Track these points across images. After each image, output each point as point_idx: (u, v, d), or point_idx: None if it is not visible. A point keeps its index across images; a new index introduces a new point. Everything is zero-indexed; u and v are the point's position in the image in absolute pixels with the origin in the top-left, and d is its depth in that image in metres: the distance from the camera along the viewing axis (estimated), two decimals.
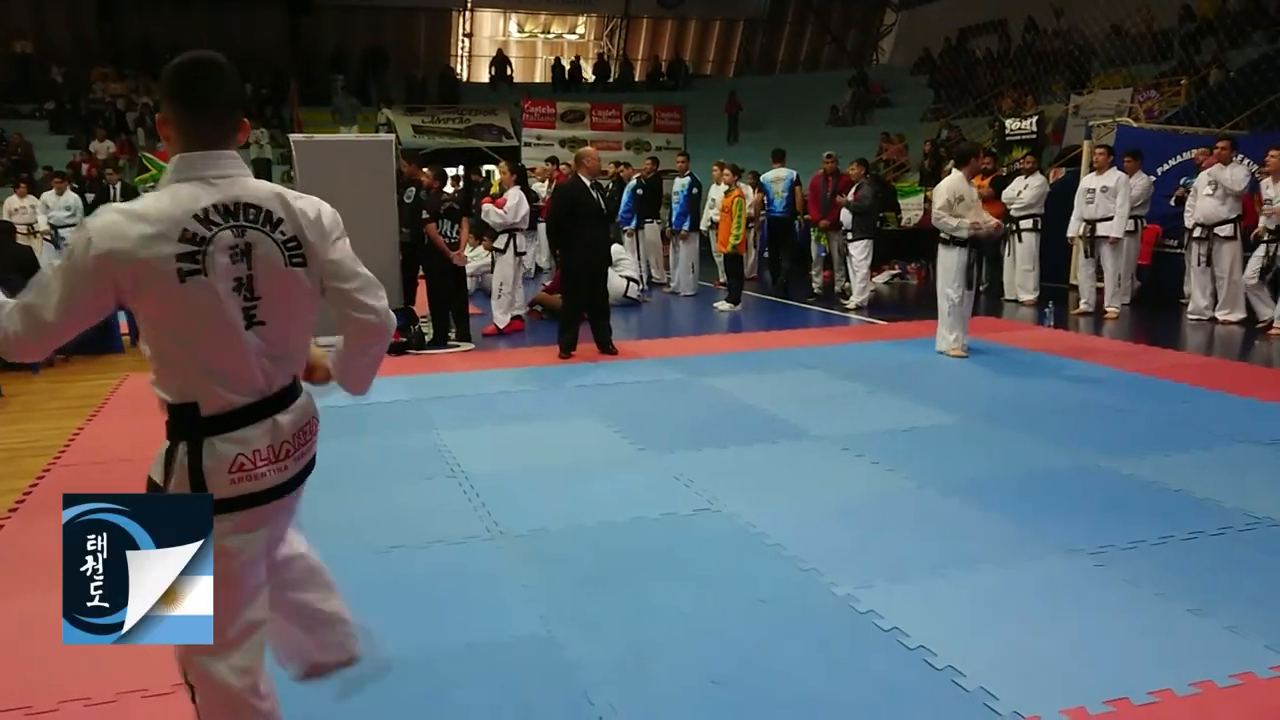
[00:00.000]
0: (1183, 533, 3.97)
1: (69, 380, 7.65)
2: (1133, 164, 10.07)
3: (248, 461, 1.98)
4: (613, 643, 3.13)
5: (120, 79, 23.30)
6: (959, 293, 7.75)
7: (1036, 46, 20.67)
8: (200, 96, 1.94)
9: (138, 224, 1.83)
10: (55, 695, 2.82)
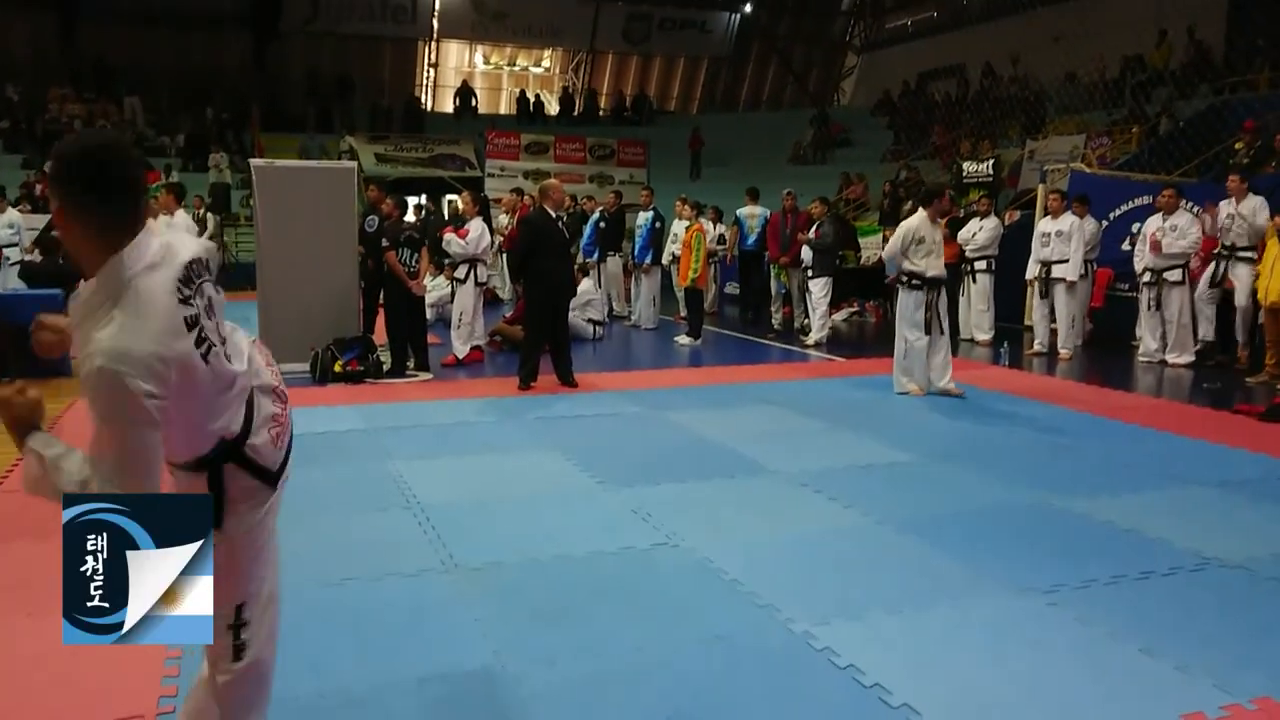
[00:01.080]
0: (1134, 572, 4.01)
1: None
2: (1081, 209, 10.29)
3: (275, 428, 2.11)
4: (567, 677, 3.09)
5: (79, 99, 23.04)
6: (915, 335, 7.73)
7: (994, 92, 21.12)
8: (116, 187, 1.82)
9: (150, 343, 1.78)
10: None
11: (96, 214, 1.80)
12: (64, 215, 1.81)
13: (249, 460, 2.07)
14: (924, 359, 7.77)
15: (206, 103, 23.76)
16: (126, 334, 1.75)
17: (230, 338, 2.07)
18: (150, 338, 1.77)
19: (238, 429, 2.05)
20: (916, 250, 7.64)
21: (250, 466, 2.07)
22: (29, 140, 21.21)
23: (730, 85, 31.10)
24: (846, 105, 29.17)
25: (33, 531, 4.41)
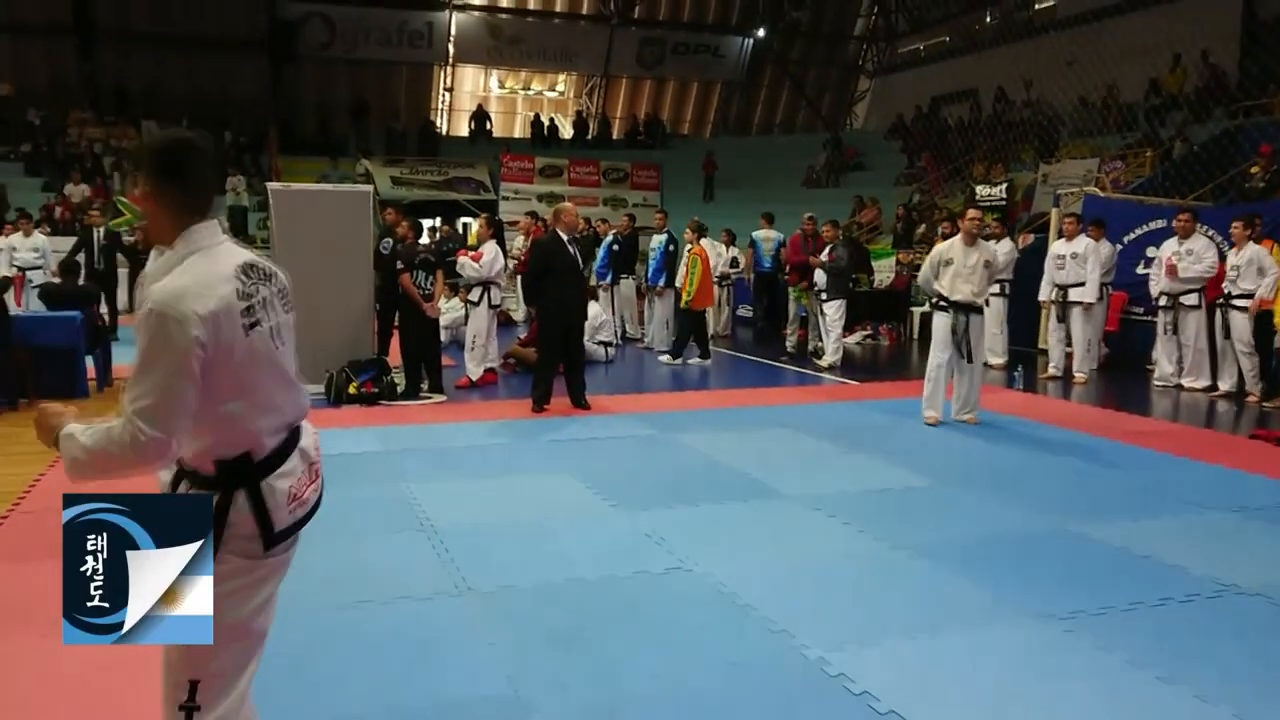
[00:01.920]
0: (1152, 599, 3.98)
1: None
2: (1097, 232, 10.27)
3: (297, 489, 2.14)
4: (581, 704, 3.08)
5: (98, 123, 23.30)
6: (936, 358, 7.56)
7: (1007, 116, 21.15)
8: (193, 174, 2.08)
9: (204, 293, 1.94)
10: None
11: (174, 195, 2.06)
12: (148, 196, 2.07)
13: (260, 499, 2.05)
14: (943, 386, 7.58)
15: (224, 126, 23.98)
16: (182, 284, 1.94)
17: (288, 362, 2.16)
18: (203, 290, 1.94)
19: (262, 449, 2.07)
20: (944, 273, 7.53)
21: (259, 508, 2.06)
22: (49, 163, 21.44)
23: (743, 109, 31.21)
24: (859, 129, 29.23)
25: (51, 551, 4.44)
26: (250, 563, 2.08)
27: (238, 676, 2.16)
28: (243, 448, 2.05)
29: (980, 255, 7.50)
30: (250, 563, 2.08)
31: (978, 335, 7.55)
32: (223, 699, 2.13)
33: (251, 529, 2.06)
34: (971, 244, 7.53)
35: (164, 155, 2.07)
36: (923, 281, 7.88)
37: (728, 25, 29.53)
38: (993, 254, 7.79)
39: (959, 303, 7.45)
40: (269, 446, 2.09)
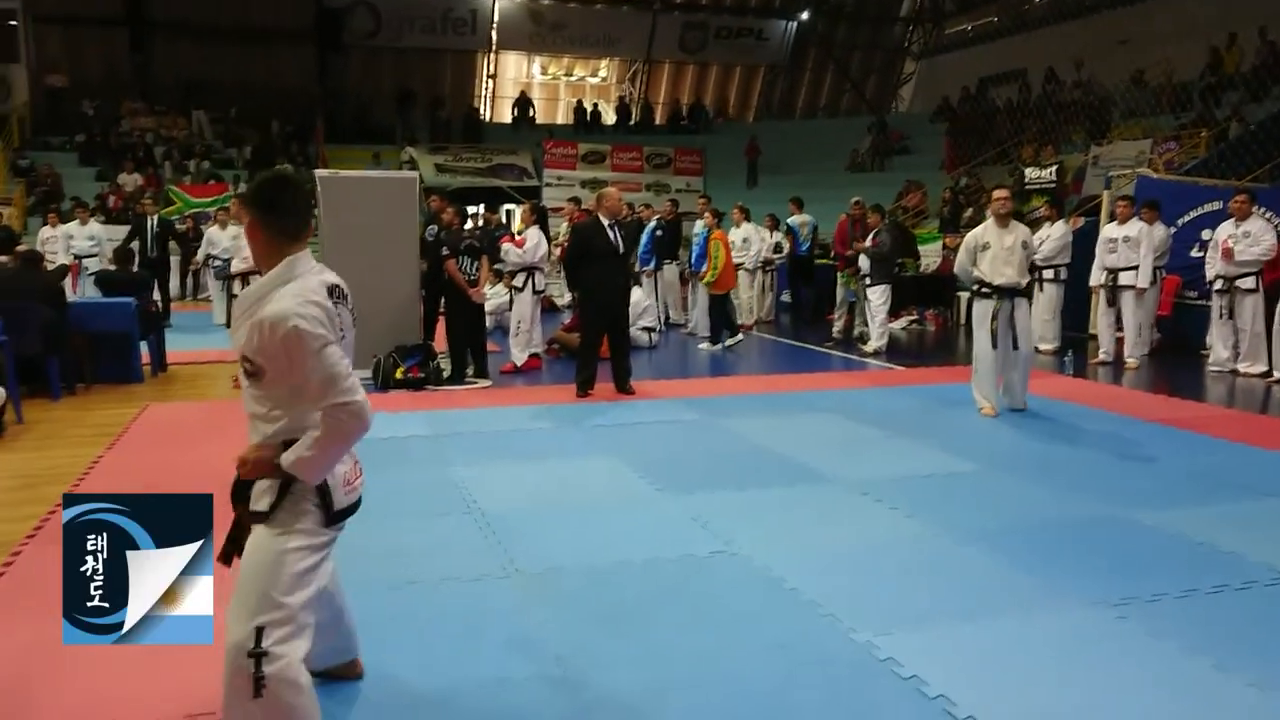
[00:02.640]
0: (1207, 586, 3.91)
1: (89, 409, 7.69)
2: (1151, 215, 10.06)
3: (351, 476, 2.56)
4: (630, 683, 3.10)
5: (150, 113, 23.68)
6: (979, 345, 7.41)
7: (1057, 97, 20.77)
8: (288, 207, 2.49)
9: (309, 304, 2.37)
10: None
11: (273, 227, 2.46)
12: (252, 227, 2.48)
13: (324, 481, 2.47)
14: (992, 375, 7.42)
15: (271, 116, 24.27)
16: (292, 301, 2.34)
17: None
18: (310, 301, 2.36)
19: None
20: (981, 257, 7.37)
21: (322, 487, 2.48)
22: (103, 153, 21.84)
23: (787, 93, 30.96)
24: (905, 112, 28.87)
25: None
26: (314, 528, 2.47)
27: (301, 629, 2.40)
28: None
29: (1016, 236, 7.31)
30: (314, 528, 2.47)
31: (1024, 319, 7.38)
32: (287, 645, 2.35)
33: (308, 502, 2.45)
34: (1005, 225, 7.33)
35: (264, 192, 2.47)
36: (960, 270, 7.68)
37: (771, 8, 29.31)
38: (1027, 234, 7.57)
39: (1002, 287, 7.27)
40: None
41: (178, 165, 22.01)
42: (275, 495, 2.45)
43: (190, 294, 16.70)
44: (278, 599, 2.37)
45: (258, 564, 2.40)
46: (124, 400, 8.01)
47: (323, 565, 2.50)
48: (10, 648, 3.36)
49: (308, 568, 2.44)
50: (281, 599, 2.37)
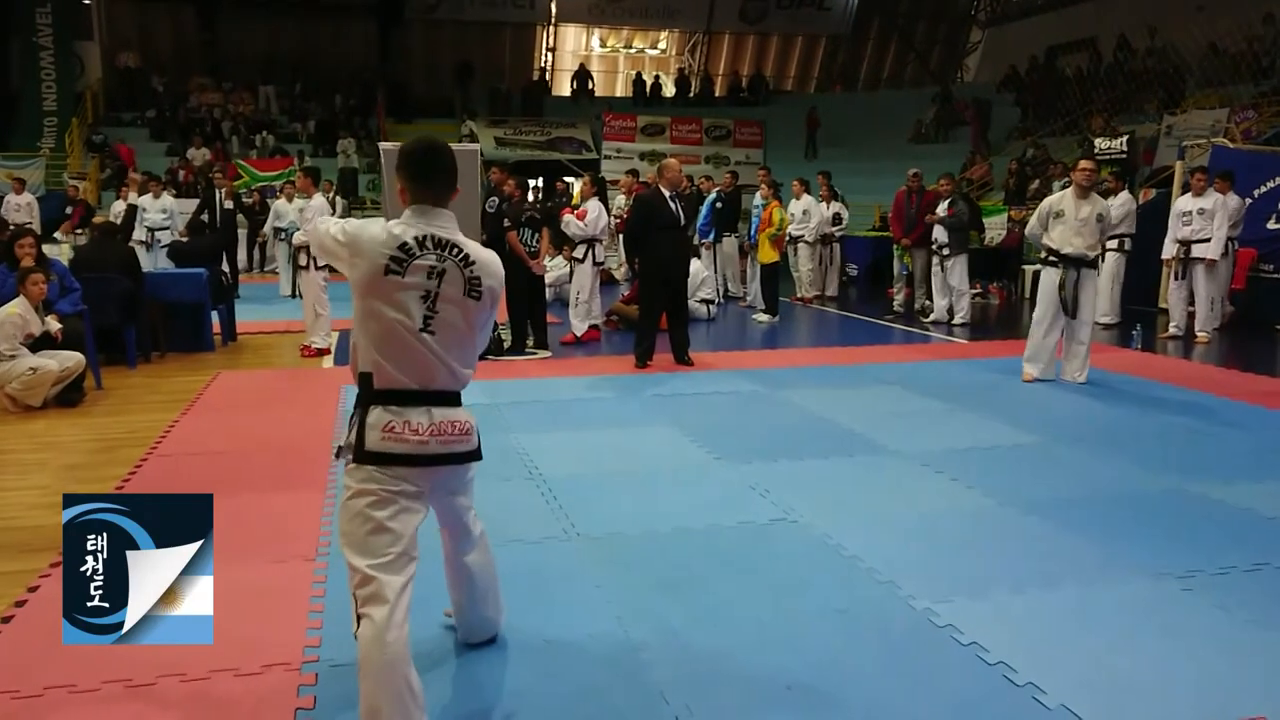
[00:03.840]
0: (1277, 560, 3.85)
1: (164, 376, 7.93)
2: (1224, 185, 9.78)
3: (397, 427, 2.54)
4: (688, 645, 3.15)
5: (217, 89, 24.14)
6: (1046, 314, 7.35)
7: (1128, 65, 20.20)
8: (425, 174, 2.63)
9: (377, 236, 2.55)
10: (100, 675, 2.89)
11: (405, 185, 2.63)
12: (402, 190, 2.64)
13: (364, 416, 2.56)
14: (1050, 343, 7.40)
15: (335, 90, 24.58)
16: (377, 229, 2.58)
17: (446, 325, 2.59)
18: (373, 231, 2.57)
19: (385, 375, 2.55)
20: (1053, 225, 7.29)
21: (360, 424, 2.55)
22: (173, 128, 22.34)
23: (849, 63, 30.52)
24: (970, 82, 28.29)
25: (186, 490, 4.71)
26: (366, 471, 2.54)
27: (389, 587, 2.47)
28: (368, 368, 2.56)
29: (1094, 208, 7.23)
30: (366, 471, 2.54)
31: (1088, 291, 7.28)
32: (377, 605, 2.44)
33: (351, 437, 2.57)
34: (1084, 196, 7.26)
35: (406, 158, 2.63)
36: (1030, 234, 7.69)
37: None
38: (1106, 207, 7.49)
39: (1069, 256, 7.20)
40: (387, 380, 2.55)
41: (244, 140, 22.42)
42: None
43: (257, 266, 17.05)
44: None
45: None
46: (196, 368, 8.24)
47: (376, 510, 2.52)
48: None
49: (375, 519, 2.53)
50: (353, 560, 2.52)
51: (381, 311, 2.51)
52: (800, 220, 12.73)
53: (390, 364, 2.53)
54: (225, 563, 2.46)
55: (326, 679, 2.90)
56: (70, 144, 20.36)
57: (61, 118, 21.53)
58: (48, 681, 2.87)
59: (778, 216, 11.25)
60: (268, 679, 2.91)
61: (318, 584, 3.61)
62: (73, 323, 7.12)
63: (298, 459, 5.33)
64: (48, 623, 3.32)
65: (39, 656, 3.01)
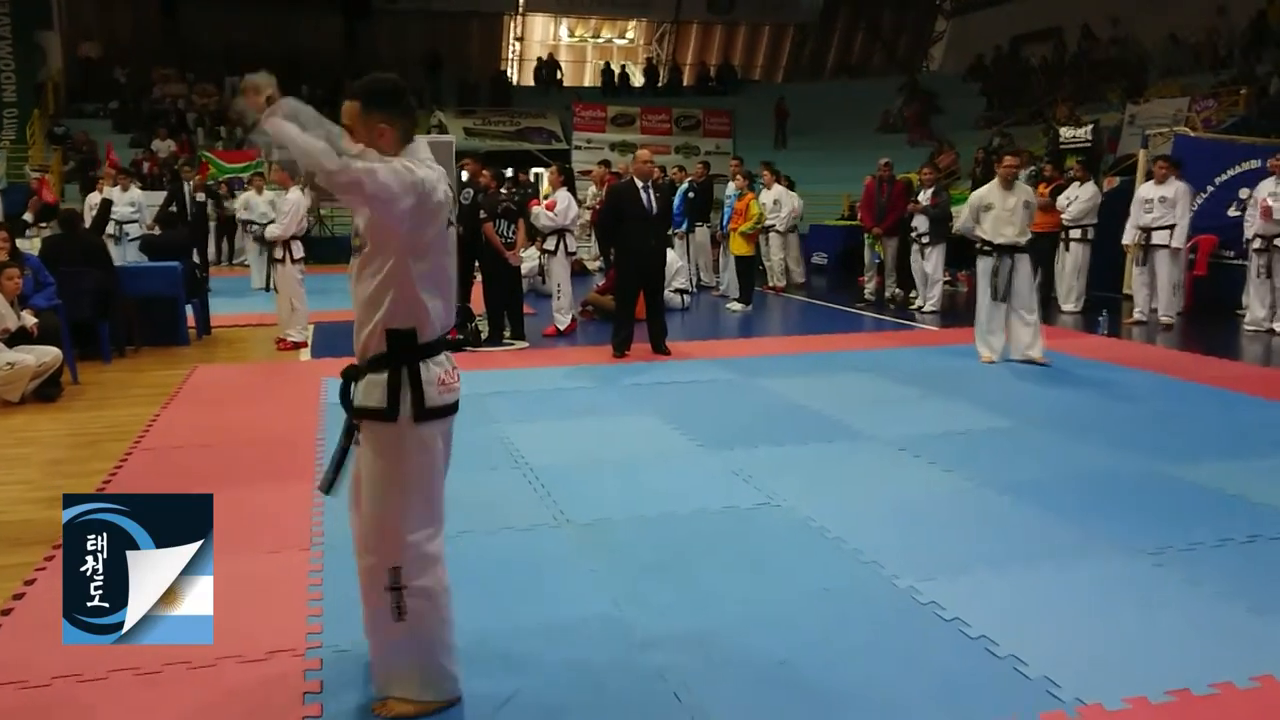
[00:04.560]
0: (1241, 536, 4.00)
1: (140, 371, 7.90)
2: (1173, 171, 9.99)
3: (447, 378, 2.60)
4: (682, 626, 3.24)
5: (181, 80, 23.84)
6: (984, 299, 7.82)
7: (1092, 55, 20.50)
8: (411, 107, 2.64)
9: (438, 180, 2.52)
10: (105, 665, 2.92)
11: (395, 123, 2.53)
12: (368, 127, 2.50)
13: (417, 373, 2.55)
14: (998, 325, 7.80)
15: (302, 82, 24.36)
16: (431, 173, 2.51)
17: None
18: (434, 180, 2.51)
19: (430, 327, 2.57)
20: (984, 217, 7.72)
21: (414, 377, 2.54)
22: (136, 120, 22.05)
23: (817, 53, 30.68)
24: (936, 71, 28.54)
25: (173, 484, 4.74)
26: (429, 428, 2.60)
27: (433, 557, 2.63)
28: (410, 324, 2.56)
29: (1019, 198, 7.69)
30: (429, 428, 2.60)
31: (1023, 275, 7.69)
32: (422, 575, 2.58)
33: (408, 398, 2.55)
34: (1009, 188, 7.70)
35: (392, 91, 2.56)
36: (963, 228, 8.11)
37: None
38: (1030, 194, 7.97)
39: (1001, 245, 7.63)
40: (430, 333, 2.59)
41: (210, 131, 22.18)
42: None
43: (226, 259, 16.92)
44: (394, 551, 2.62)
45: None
46: (172, 362, 8.21)
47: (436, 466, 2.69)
48: None
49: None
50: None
51: (438, 261, 2.55)
52: (772, 210, 12.84)
53: (437, 314, 2.56)
54: (221, 554, 2.49)
55: (331, 663, 2.97)
56: (32, 136, 20.05)
57: (22, 109, 21.15)
58: (55, 672, 2.91)
59: (754, 210, 11.36)
60: (273, 665, 2.97)
61: (314, 573, 3.66)
62: (48, 317, 7.09)
63: (284, 451, 5.37)
64: (48, 615, 3.34)
65: (43, 647, 3.05)
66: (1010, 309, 7.72)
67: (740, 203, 11.49)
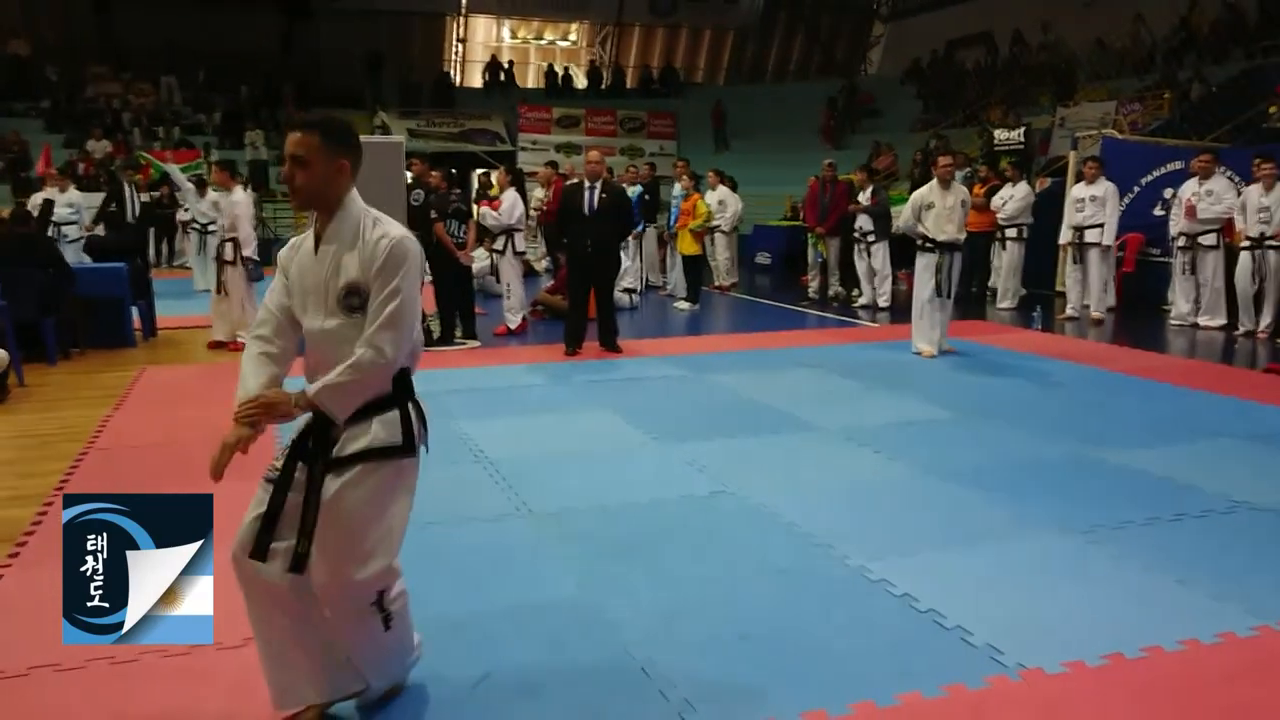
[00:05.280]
0: (1168, 515, 4.25)
1: (86, 373, 7.82)
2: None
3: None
4: (647, 605, 3.38)
5: (115, 79, 23.40)
6: (925, 294, 8.10)
7: (1023, 59, 21.08)
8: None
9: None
10: (82, 654, 2.97)
11: (356, 168, 2.56)
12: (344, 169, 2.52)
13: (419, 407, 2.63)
14: (936, 321, 8.13)
15: (241, 81, 24.07)
16: (399, 229, 2.51)
17: None
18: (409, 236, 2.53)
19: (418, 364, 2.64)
20: (925, 215, 8.04)
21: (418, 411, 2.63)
22: (69, 119, 21.60)
23: (757, 56, 31.06)
24: (874, 74, 29.08)
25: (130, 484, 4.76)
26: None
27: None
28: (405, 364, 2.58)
29: (956, 197, 8.10)
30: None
31: (958, 272, 8.18)
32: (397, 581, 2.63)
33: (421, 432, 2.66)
34: (946, 187, 8.08)
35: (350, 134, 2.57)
36: (904, 225, 8.39)
37: None
38: (966, 193, 8.41)
39: (944, 242, 7.98)
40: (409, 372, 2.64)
41: (147, 131, 21.82)
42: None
43: (166, 261, 16.69)
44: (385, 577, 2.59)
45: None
46: (120, 364, 8.14)
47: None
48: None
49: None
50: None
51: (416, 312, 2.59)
52: (718, 210, 13.03)
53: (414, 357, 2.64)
54: None
55: None
56: None
57: None
58: (32, 661, 2.96)
59: (702, 209, 11.59)
60: (250, 651, 3.03)
61: None
62: None
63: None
64: (20, 607, 3.41)
65: (18, 638, 3.09)
66: (940, 305, 8.09)
67: (686, 203, 11.70)
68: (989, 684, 2.84)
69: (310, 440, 2.53)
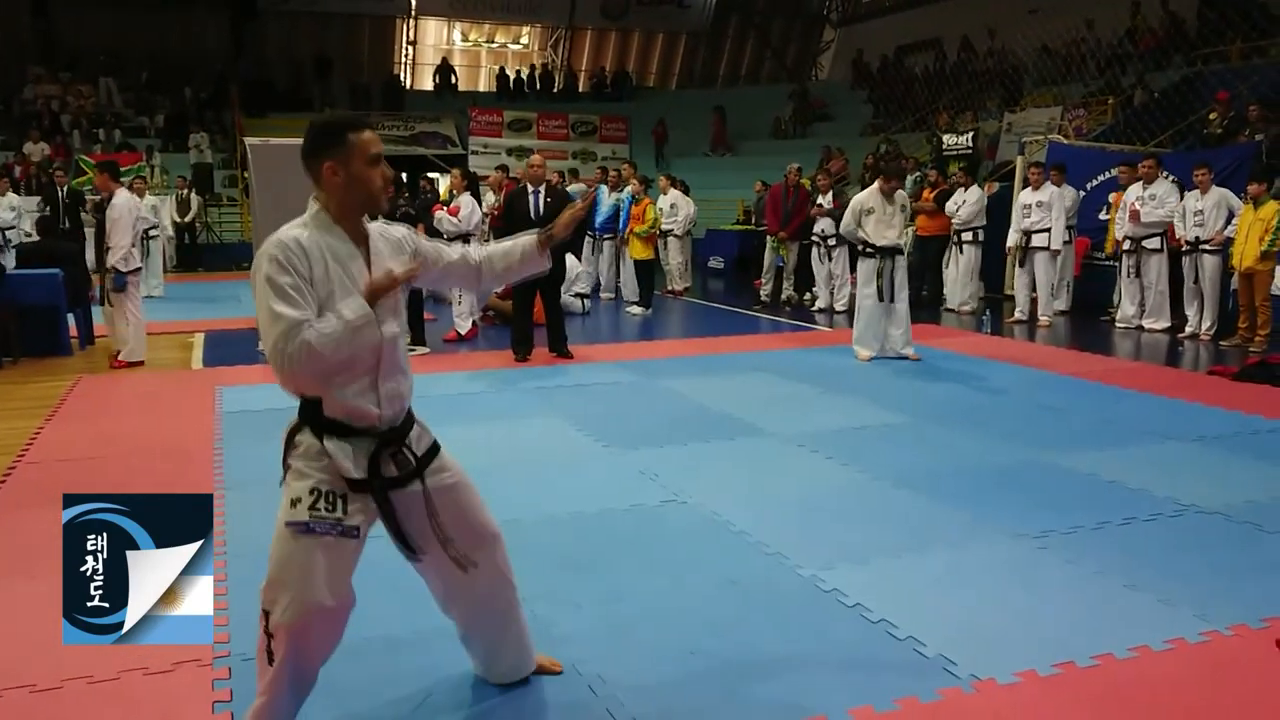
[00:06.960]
0: (1118, 519, 4.26)
1: (18, 382, 7.57)
2: (1059, 177, 10.53)
3: None
4: (595, 620, 3.30)
5: (54, 80, 22.82)
6: (867, 300, 8.11)
7: (971, 65, 21.31)
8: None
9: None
10: (58, 674, 2.89)
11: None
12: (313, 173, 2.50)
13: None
14: (877, 324, 8.12)
15: (185, 83, 23.59)
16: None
17: None
18: None
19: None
20: (866, 220, 8.03)
21: None
22: (6, 122, 21.02)
23: (709, 61, 31.12)
24: (825, 79, 29.27)
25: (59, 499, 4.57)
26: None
27: None
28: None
29: (897, 201, 8.17)
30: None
31: (901, 275, 8.14)
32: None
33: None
34: (887, 194, 8.10)
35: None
36: (845, 230, 8.40)
37: None
38: (905, 197, 8.55)
39: (884, 247, 8.00)
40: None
41: (87, 134, 21.29)
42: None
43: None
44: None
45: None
46: (54, 373, 7.89)
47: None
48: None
49: None
50: None
51: None
52: (669, 214, 12.99)
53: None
54: None
55: (240, 672, 2.93)
56: None
57: None
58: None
59: (651, 214, 11.54)
60: (180, 676, 2.92)
61: (219, 581, 3.58)
62: None
63: (180, 461, 5.23)
64: None
65: None
66: (886, 308, 8.10)
67: (637, 207, 11.64)
68: (942, 696, 2.80)
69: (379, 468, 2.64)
